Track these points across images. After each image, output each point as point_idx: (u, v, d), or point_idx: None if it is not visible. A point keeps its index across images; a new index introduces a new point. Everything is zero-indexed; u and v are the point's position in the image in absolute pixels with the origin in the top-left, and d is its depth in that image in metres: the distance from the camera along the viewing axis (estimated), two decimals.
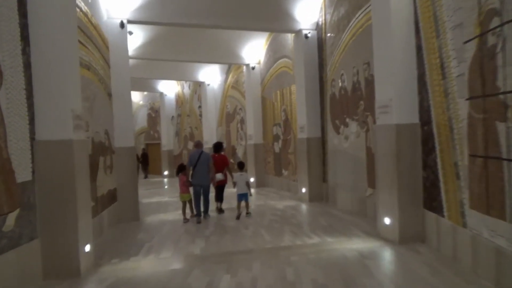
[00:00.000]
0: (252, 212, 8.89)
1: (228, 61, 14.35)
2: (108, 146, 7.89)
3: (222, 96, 17.86)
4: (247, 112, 14.67)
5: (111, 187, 7.98)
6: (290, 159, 12.01)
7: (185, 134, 21.68)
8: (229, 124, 17.17)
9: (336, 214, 8.05)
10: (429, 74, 5.08)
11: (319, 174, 9.90)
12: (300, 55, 10.04)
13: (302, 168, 10.16)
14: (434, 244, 5.11)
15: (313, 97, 9.93)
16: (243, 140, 15.52)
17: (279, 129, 12.82)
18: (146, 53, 12.51)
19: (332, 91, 9.12)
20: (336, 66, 8.78)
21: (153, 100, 24.68)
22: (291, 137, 11.87)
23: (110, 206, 7.79)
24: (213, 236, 6.67)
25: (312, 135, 9.89)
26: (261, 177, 14.09)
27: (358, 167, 7.81)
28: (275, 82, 12.93)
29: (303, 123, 10.04)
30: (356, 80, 7.74)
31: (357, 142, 7.80)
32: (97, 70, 7.38)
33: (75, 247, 4.66)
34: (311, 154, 9.86)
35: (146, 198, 13.03)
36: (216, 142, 9.71)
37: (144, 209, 10.40)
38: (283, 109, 12.43)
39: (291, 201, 10.14)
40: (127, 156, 8.51)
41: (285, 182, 12.40)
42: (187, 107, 21.29)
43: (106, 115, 7.91)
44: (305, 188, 9.97)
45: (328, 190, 9.55)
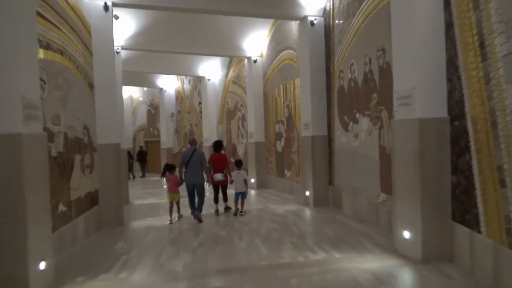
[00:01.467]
0: (247, 213, 8.41)
1: (229, 53, 13.43)
2: (87, 142, 7.02)
3: (223, 91, 16.96)
4: (248, 109, 13.75)
5: (90, 189, 7.11)
6: (293, 159, 11.09)
7: (185, 132, 20.82)
8: (230, 121, 16.27)
9: (344, 221, 7.11)
10: (463, 57, 4.13)
11: (325, 176, 8.96)
12: (305, 44, 9.10)
13: (306, 169, 9.23)
14: (466, 266, 4.17)
15: (319, 91, 8.99)
16: (244, 138, 14.61)
17: (282, 126, 11.90)
18: (139, 44, 11.63)
19: (340, 84, 8.17)
20: (345, 56, 7.83)
21: (153, 96, 23.85)
22: (295, 135, 10.94)
23: (89, 211, 6.92)
24: (201, 248, 5.76)
25: (317, 133, 8.95)
26: (263, 177, 13.17)
27: (369, 169, 6.87)
28: (278, 76, 12.00)
29: (307, 120, 9.11)
30: (368, 69, 6.80)
31: (369, 140, 6.86)
32: (74, 56, 6.50)
33: (23, 266, 3.77)
34: (316, 153, 8.92)
35: (139, 199, 12.18)
36: (216, 141, 9.05)
37: (133, 212, 9.56)
38: (286, 105, 11.50)
39: (294, 205, 9.21)
40: (111, 154, 7.63)
41: (288, 184, 11.48)
42: (187, 104, 20.42)
43: (86, 107, 7.03)
44: (309, 191, 9.04)
45: (335, 193, 8.61)
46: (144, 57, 15.36)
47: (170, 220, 7.85)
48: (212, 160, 8.65)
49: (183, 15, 11.78)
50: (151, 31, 11.54)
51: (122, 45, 11.31)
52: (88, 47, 7.34)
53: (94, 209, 7.25)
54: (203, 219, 7.85)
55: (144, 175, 21.70)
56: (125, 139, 24.89)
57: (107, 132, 7.60)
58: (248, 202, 9.81)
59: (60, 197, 5.64)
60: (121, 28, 11.09)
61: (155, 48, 12.14)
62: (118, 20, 10.94)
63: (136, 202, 11.45)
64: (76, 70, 6.60)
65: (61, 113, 5.82)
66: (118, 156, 7.71)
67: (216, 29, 12.37)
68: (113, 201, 7.61)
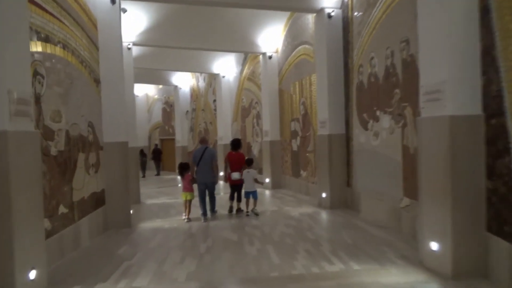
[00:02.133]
0: (260, 215, 8.11)
1: (243, 49, 13.01)
2: (92, 141, 6.72)
3: (237, 89, 16.57)
4: (263, 106, 13.32)
5: (96, 189, 6.82)
6: (309, 158, 10.62)
7: (199, 130, 20.53)
8: (245, 119, 15.87)
9: (363, 227, 6.62)
10: (502, 45, 3.62)
11: (342, 177, 8.47)
12: (322, 38, 8.61)
13: (322, 170, 8.75)
14: (504, 284, 3.66)
15: (336, 87, 8.50)
16: (259, 136, 14.19)
17: (297, 124, 11.44)
18: (151, 39, 11.33)
19: (359, 79, 7.67)
20: (364, 49, 7.32)
21: (168, 94, 23.66)
22: (311, 133, 10.46)
23: (93, 212, 6.63)
24: (208, 254, 5.38)
25: (334, 132, 8.46)
26: (278, 177, 12.73)
27: (391, 170, 6.36)
28: (294, 72, 11.53)
29: (324, 118, 8.63)
30: (390, 63, 6.28)
31: (391, 140, 6.35)
32: (77, 50, 6.20)
33: (9, 275, 3.46)
34: (333, 153, 8.44)
35: (151, 198, 11.94)
36: (234, 139, 8.82)
37: (143, 212, 9.29)
38: (302, 102, 11.03)
39: (309, 207, 8.75)
40: (118, 152, 7.33)
41: (304, 184, 11.01)
42: (202, 101, 20.12)
43: (91, 104, 6.74)
44: (326, 192, 8.56)
45: (353, 196, 8.11)
46: (158, 54, 15.11)
47: (186, 218, 7.86)
48: (229, 158, 8.45)
49: (195, 9, 11.45)
50: (163, 26, 11.23)
51: (133, 41, 11.03)
52: (94, 42, 7.05)
53: (100, 210, 6.96)
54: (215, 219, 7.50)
55: (159, 173, 21.54)
56: (140, 137, 25.06)
57: (114, 130, 7.31)
58: (262, 203, 9.44)
59: (61, 198, 5.35)
60: (132, 23, 10.82)
61: (167, 44, 11.83)
62: (129, 16, 10.67)
63: (147, 202, 11.20)
64: (80, 65, 6.31)
65: (62, 109, 5.53)
66: (125, 155, 7.41)
67: (230, 24, 11.99)
68: (120, 202, 7.32)
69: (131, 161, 10.90)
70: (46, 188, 4.90)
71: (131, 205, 10.37)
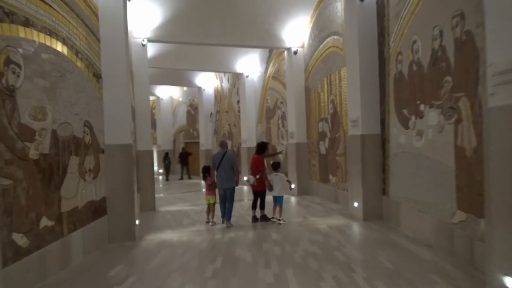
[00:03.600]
0: (282, 227, 7.29)
1: (266, 44, 12.04)
2: (90, 143, 5.95)
3: (262, 88, 15.63)
4: (288, 106, 12.31)
5: (94, 197, 6.04)
6: (339, 162, 9.51)
7: (223, 132, 19.73)
8: (269, 121, 14.89)
9: (404, 245, 5.48)
10: None
11: (377, 183, 7.33)
12: (353, 25, 7.53)
13: (354, 175, 7.64)
14: None
15: (370, 80, 7.38)
16: (285, 139, 13.18)
17: (325, 125, 10.35)
18: (167, 35, 10.56)
19: (397, 70, 6.53)
20: (404, 33, 6.19)
21: (192, 96, 23.06)
22: (341, 134, 9.36)
23: (90, 223, 5.84)
24: (213, 279, 4.42)
25: (368, 131, 7.35)
26: (304, 183, 11.66)
27: (439, 177, 5.21)
28: (321, 67, 10.47)
29: (356, 116, 7.53)
30: (439, 45, 5.14)
31: (440, 139, 5.20)
32: (71, 40, 5.45)
33: None
34: (367, 156, 7.32)
35: (168, 205, 11.18)
36: (259, 142, 8.27)
37: (154, 221, 8.49)
38: (331, 100, 9.94)
39: (339, 219, 7.66)
40: (121, 156, 6.54)
41: (333, 191, 9.90)
42: (226, 103, 19.31)
43: (89, 102, 5.98)
44: (358, 201, 7.45)
45: (390, 206, 6.96)
46: (179, 53, 14.42)
47: (211, 222, 7.80)
48: (251, 161, 8.14)
49: (214, 2, 10.63)
50: (180, 20, 10.46)
51: (148, 37, 10.31)
52: (93, 32, 6.29)
53: (100, 221, 6.17)
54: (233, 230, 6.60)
55: (183, 177, 20.89)
56: (165, 140, 24.63)
57: (117, 131, 6.53)
58: (286, 212, 8.50)
59: (43, 209, 4.56)
60: (146, 18, 10.12)
61: (184, 40, 11.03)
62: (143, 10, 9.98)
63: (162, 209, 10.43)
64: (74, 57, 5.55)
65: (48, 106, 4.76)
66: (129, 159, 6.60)
67: (252, 17, 11.09)
68: (123, 212, 6.51)
69: (145, 165, 10.21)
70: (22, 198, 4.13)
71: (144, 213, 9.76)
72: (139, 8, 10.05)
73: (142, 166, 10.20)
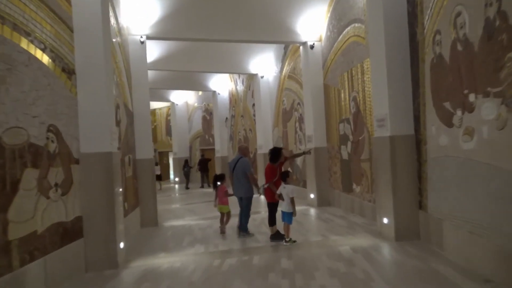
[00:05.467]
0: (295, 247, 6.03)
1: (278, 39, 10.85)
2: (57, 151, 4.91)
3: (277, 89, 14.45)
4: (305, 106, 11.08)
5: (64, 217, 4.98)
6: (363, 169, 8.20)
7: (239, 138, 18.63)
8: (286, 124, 13.68)
9: (453, 279, 4.15)
10: None
11: (412, 195, 5.99)
12: (377, 6, 6.25)
13: (382, 185, 6.33)
14: None
15: (399, 70, 6.09)
16: (302, 144, 11.93)
17: (347, 126, 9.07)
18: (168, 31, 9.53)
19: (435, 53, 5.23)
20: (443, 5, 4.89)
21: (207, 101, 22.11)
22: (365, 137, 8.07)
23: (58, 250, 4.78)
24: None
25: (398, 132, 6.04)
26: (324, 192, 10.37)
27: (500, 189, 3.87)
28: (342, 60, 9.21)
29: (383, 114, 6.23)
30: (496, 12, 3.83)
31: (501, 139, 3.86)
32: (26, 25, 4.43)
33: None
34: (398, 162, 6.00)
35: (174, 219, 10.18)
36: (271, 149, 7.10)
37: (150, 240, 7.44)
38: (353, 97, 8.67)
39: (366, 237, 6.36)
40: (101, 166, 5.47)
41: (357, 202, 8.58)
42: (241, 106, 18.22)
43: (55, 102, 4.94)
44: (388, 217, 6.13)
45: (429, 223, 5.62)
46: (188, 54, 13.46)
47: (221, 230, 7.53)
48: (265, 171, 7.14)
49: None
50: (182, 15, 9.45)
51: (147, 33, 9.32)
52: (64, 20, 5.27)
53: (73, 246, 5.11)
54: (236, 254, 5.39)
55: (203, 185, 19.90)
56: (181, 147, 23.74)
57: (95, 137, 5.48)
58: (302, 227, 7.43)
59: None
60: (145, 13, 9.15)
61: (187, 36, 9.99)
62: (141, 3, 9.04)
63: (166, 224, 9.39)
64: (32, 46, 4.53)
65: None
66: (110, 170, 5.53)
67: (262, 9, 9.99)
68: (103, 233, 5.44)
69: (145, 176, 9.21)
70: None
71: (145, 229, 8.72)
72: (136, 2, 9.11)
73: (141, 176, 9.19)
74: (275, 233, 6.71)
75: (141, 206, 9.17)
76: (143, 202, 9.18)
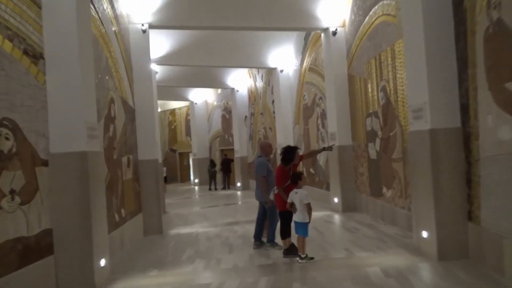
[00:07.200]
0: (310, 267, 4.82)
1: (297, 25, 9.72)
2: (14, 151, 3.99)
3: (298, 84, 13.32)
4: (328, 100, 9.93)
5: (24, 231, 4.07)
6: (395, 170, 6.99)
7: (259, 137, 17.57)
8: (308, 121, 12.53)
9: None
10: None
11: (459, 203, 4.77)
12: None
13: (420, 189, 5.13)
14: None
15: (441, 47, 4.89)
16: (325, 142, 10.75)
17: (375, 120, 7.86)
18: (174, 18, 8.63)
19: (491, 20, 4.01)
20: None
21: (226, 99, 21.19)
22: (397, 132, 6.86)
23: (15, 272, 3.87)
24: None
25: (440, 124, 4.84)
26: (350, 197, 9.17)
27: None
28: (368, 46, 8.02)
29: (420, 103, 5.03)
30: None
31: None
32: None
33: None
34: (440, 161, 4.79)
35: (183, 225, 9.41)
36: (283, 148, 5.92)
37: (147, 253, 6.52)
38: (382, 87, 7.47)
39: (400, 255, 5.18)
40: (75, 169, 4.56)
41: (388, 209, 7.37)
42: (260, 104, 17.17)
43: (13, 91, 4.03)
44: (429, 229, 4.93)
45: (482, 239, 4.39)
46: (203, 48, 12.55)
47: None
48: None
49: None
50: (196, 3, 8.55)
51: (149, 21, 8.42)
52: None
53: (36, 267, 4.20)
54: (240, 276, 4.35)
55: (226, 187, 19.19)
56: (201, 148, 22.95)
57: (68, 134, 4.57)
58: (323, 239, 6.30)
59: None
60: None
61: (194, 24, 9.02)
62: None
63: (173, 231, 8.50)
64: None
65: None
66: (85, 173, 4.60)
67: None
68: (77, 249, 4.52)
69: (148, 179, 8.34)
70: None
71: (148, 238, 7.84)
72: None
73: (144, 179, 8.31)
74: (288, 247, 5.62)
75: (144, 212, 8.28)
76: (146, 208, 8.29)
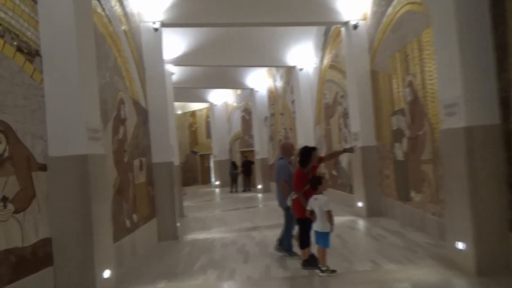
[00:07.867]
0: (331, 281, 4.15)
1: (315, 19, 9.25)
2: (6, 155, 3.71)
3: (318, 82, 12.81)
4: (350, 98, 9.40)
5: (19, 242, 3.77)
6: (425, 172, 6.41)
7: (279, 138, 17.12)
8: (329, 121, 12.01)
9: None
10: None
11: (500, 211, 4.21)
12: None
13: (454, 195, 4.58)
14: None
15: (475, 34, 4.36)
16: (348, 142, 10.20)
17: (401, 119, 7.30)
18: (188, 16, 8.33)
19: None
20: None
21: (246, 100, 20.87)
22: (426, 131, 6.29)
23: (9, 285, 3.59)
24: None
25: (477, 121, 4.29)
26: (375, 201, 8.60)
27: None
28: (392, 38, 7.47)
29: (454, 98, 4.49)
30: None
31: None
32: None
33: None
34: (478, 163, 4.24)
35: (200, 230, 9.21)
36: (301, 149, 5.51)
37: (159, 261, 6.24)
38: (408, 82, 6.91)
39: (432, 268, 4.64)
40: (76, 173, 4.25)
41: (417, 215, 6.78)
42: (280, 104, 16.73)
43: (5, 90, 3.76)
44: (465, 241, 4.37)
45: None
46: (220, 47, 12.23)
47: None
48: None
49: None
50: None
51: (161, 19, 8.13)
52: None
53: (34, 279, 3.90)
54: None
55: (246, 189, 18.97)
56: (221, 150, 22.69)
57: (68, 137, 4.27)
58: (345, 247, 5.79)
59: None
60: None
61: (208, 21, 8.69)
62: None
63: (188, 237, 8.20)
64: None
65: None
66: (86, 178, 4.29)
67: None
68: (79, 259, 4.21)
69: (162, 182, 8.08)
70: None
71: (162, 244, 7.54)
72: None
73: (158, 183, 8.02)
74: (308, 258, 5.16)
75: (158, 217, 7.99)
76: (160, 213, 8.00)
